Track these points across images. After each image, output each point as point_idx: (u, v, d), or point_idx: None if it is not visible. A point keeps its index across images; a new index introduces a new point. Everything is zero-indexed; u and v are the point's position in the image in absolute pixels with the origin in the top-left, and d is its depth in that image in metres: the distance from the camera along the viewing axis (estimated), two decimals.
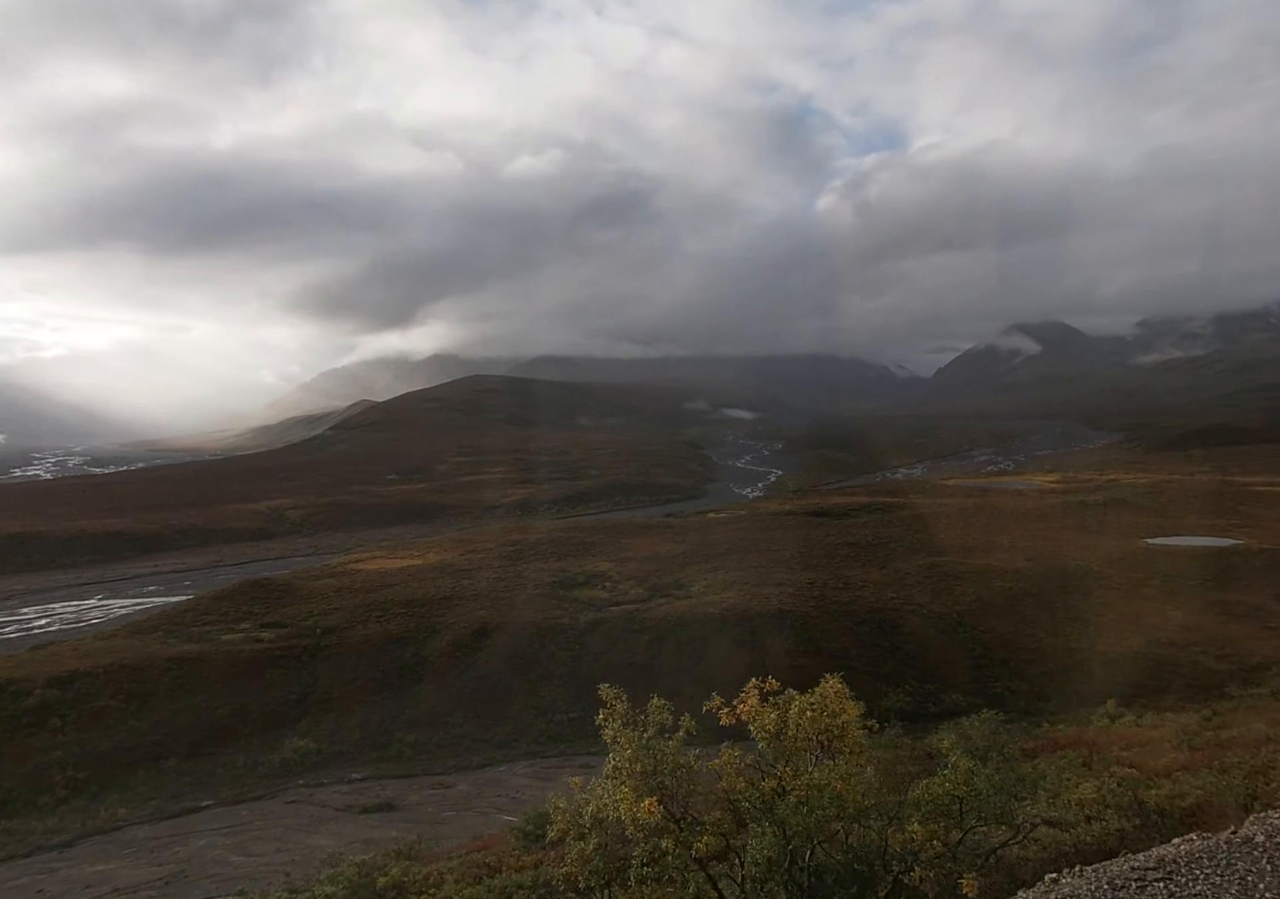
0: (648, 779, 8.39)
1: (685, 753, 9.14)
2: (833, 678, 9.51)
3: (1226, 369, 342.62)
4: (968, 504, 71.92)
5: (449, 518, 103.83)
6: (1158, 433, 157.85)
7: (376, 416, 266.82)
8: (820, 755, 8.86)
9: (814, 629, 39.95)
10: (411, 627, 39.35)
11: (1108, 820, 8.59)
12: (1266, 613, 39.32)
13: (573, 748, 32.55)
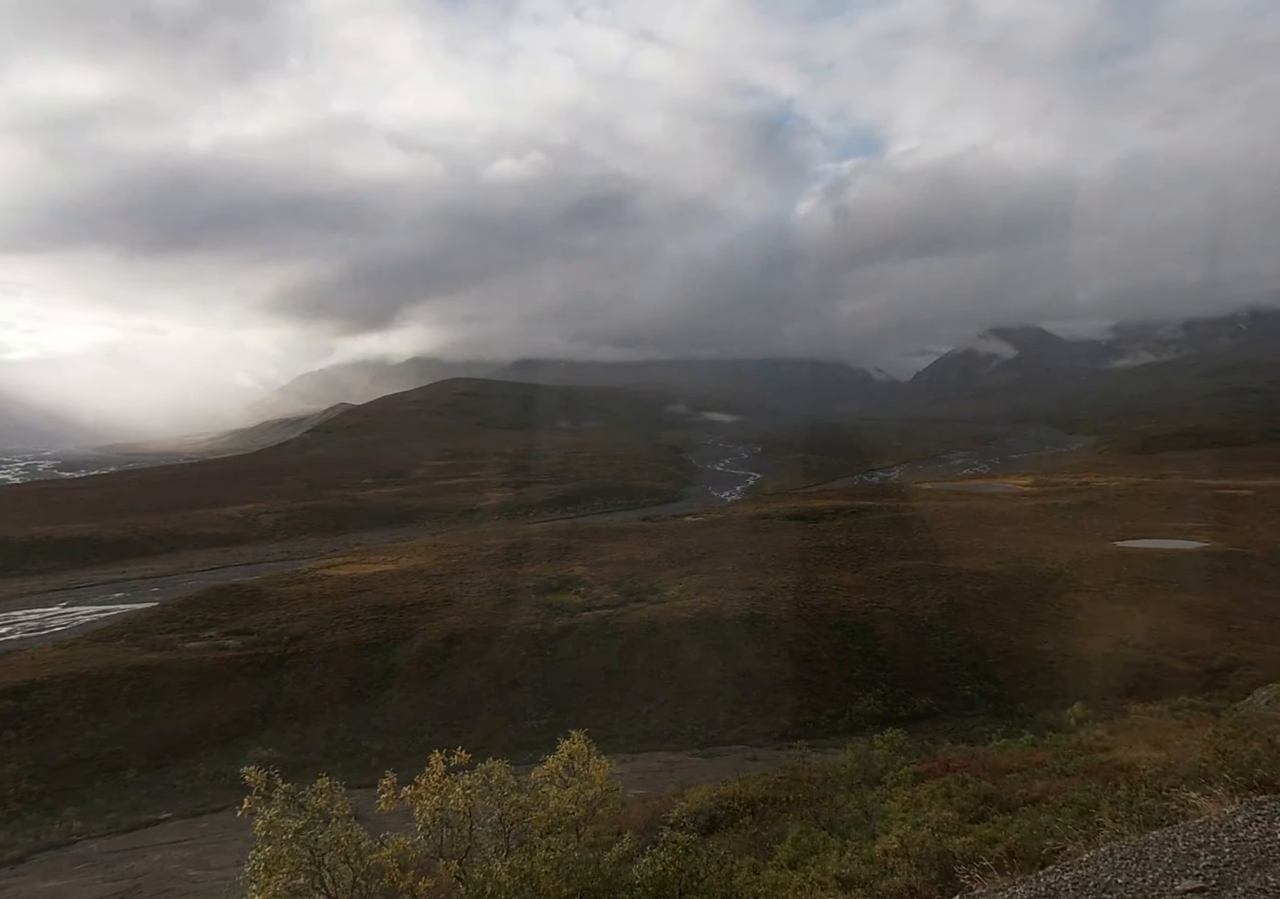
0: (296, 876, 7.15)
1: (358, 836, 7.93)
2: (577, 735, 8.74)
3: (1197, 373, 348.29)
4: (942, 507, 72.40)
5: (426, 522, 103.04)
6: (1130, 436, 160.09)
7: (354, 420, 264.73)
8: (508, 842, 7.88)
9: (786, 633, 39.91)
10: (381, 633, 38.87)
11: (901, 876, 7.74)
12: (1230, 615, 39.83)
13: (542, 755, 32.04)
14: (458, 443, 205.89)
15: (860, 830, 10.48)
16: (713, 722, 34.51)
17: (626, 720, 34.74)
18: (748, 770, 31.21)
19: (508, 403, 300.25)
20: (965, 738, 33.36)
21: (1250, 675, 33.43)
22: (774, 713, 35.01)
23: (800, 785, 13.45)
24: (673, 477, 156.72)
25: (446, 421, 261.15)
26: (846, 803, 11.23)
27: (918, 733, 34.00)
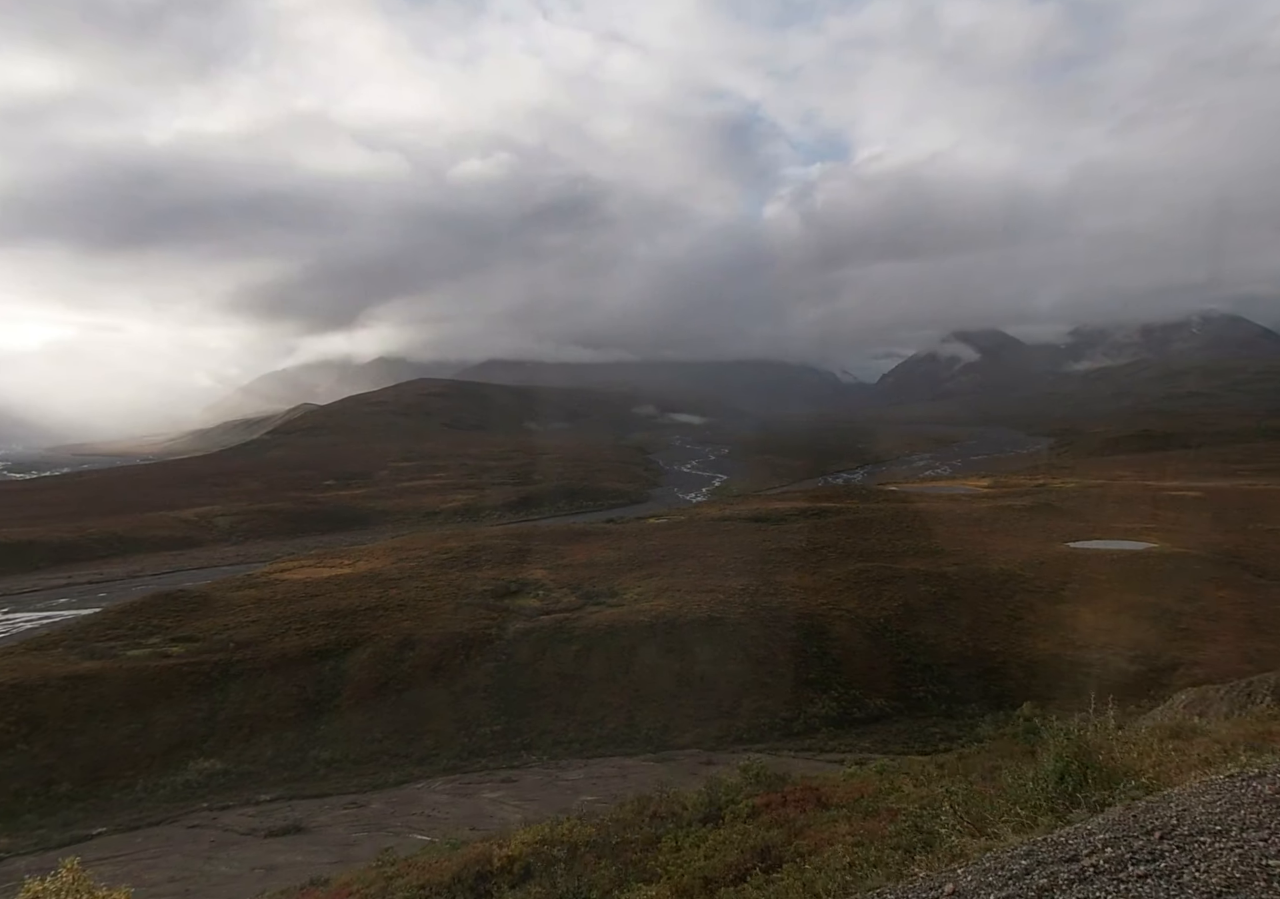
0: None
1: None
2: (69, 863, 7.84)
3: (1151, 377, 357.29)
4: (901, 509, 73.15)
5: (387, 524, 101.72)
6: (1086, 439, 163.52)
7: (317, 420, 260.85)
8: None
9: (743, 636, 39.93)
10: (332, 639, 38.14)
11: None
12: (1175, 614, 40.65)
13: (495, 762, 31.91)
14: (422, 444, 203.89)
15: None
16: (668, 725, 34.39)
17: (581, 725, 34.48)
18: (701, 775, 31.20)
19: (474, 404, 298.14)
20: (918, 738, 33.79)
21: (1192, 674, 34.15)
22: (729, 716, 34.99)
23: (639, 822, 12.83)
24: (639, 478, 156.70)
25: (411, 422, 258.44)
26: (668, 843, 10.76)
27: (870, 735, 34.38)
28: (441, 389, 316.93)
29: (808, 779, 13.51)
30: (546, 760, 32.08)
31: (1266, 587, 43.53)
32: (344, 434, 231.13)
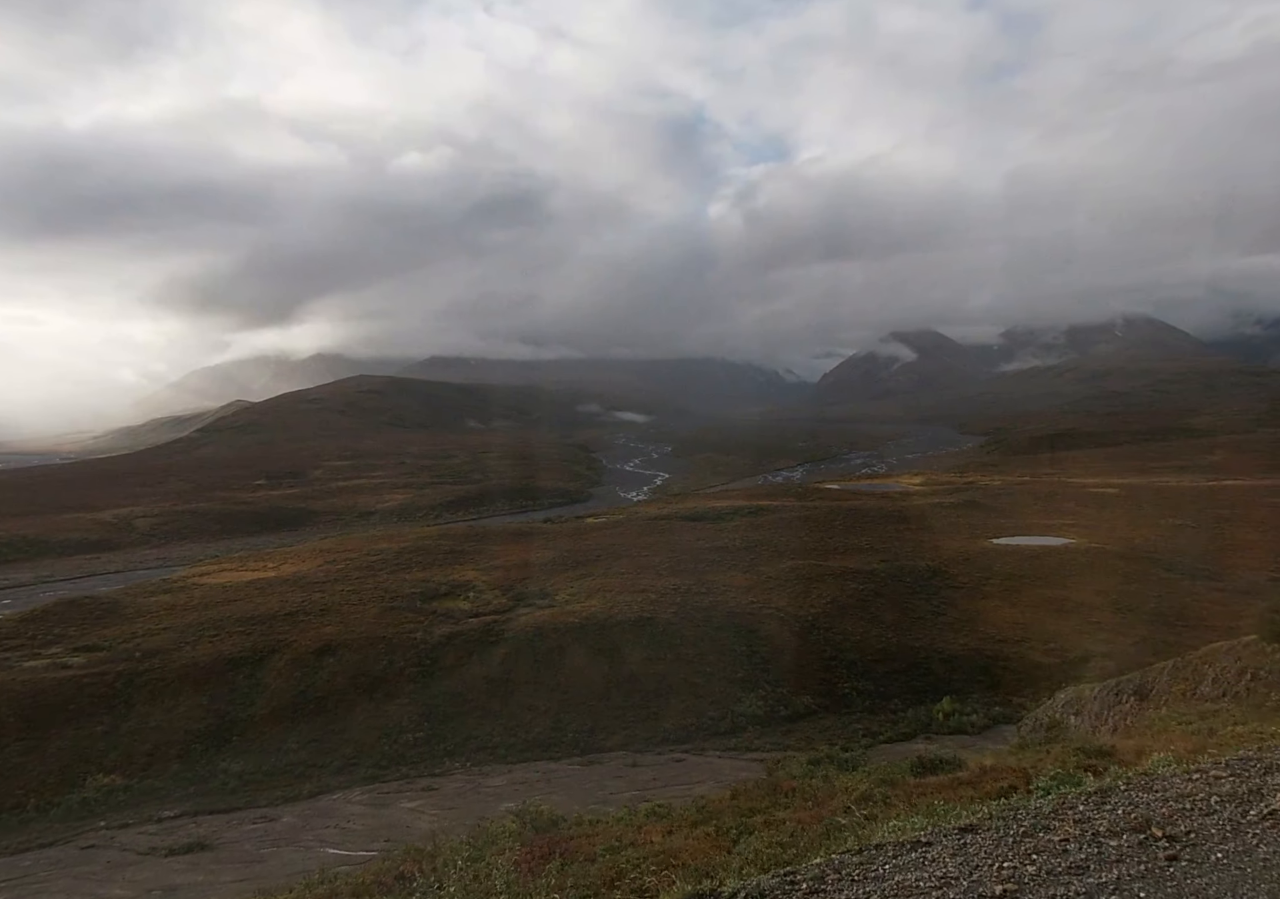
0: None
1: None
2: None
3: (1077, 377, 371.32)
4: (836, 507, 74.23)
5: (319, 525, 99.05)
6: (1014, 437, 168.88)
7: (250, 418, 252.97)
8: None
9: (673, 635, 39.87)
10: (248, 646, 36.75)
11: None
12: (1089, 608, 42.09)
13: (416, 769, 31.15)
14: (360, 442, 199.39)
15: None
16: (595, 728, 34.09)
17: (507, 730, 33.93)
18: (626, 777, 31.02)
19: (415, 401, 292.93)
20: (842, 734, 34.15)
21: (1103, 666, 35.38)
22: (657, 717, 34.87)
23: (377, 888, 12.11)
24: (581, 477, 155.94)
25: (349, 420, 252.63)
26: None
27: (796, 732, 34.64)
28: (381, 386, 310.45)
29: (577, 828, 13.03)
30: (470, 767, 31.47)
31: (1174, 580, 45.38)
32: (278, 432, 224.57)
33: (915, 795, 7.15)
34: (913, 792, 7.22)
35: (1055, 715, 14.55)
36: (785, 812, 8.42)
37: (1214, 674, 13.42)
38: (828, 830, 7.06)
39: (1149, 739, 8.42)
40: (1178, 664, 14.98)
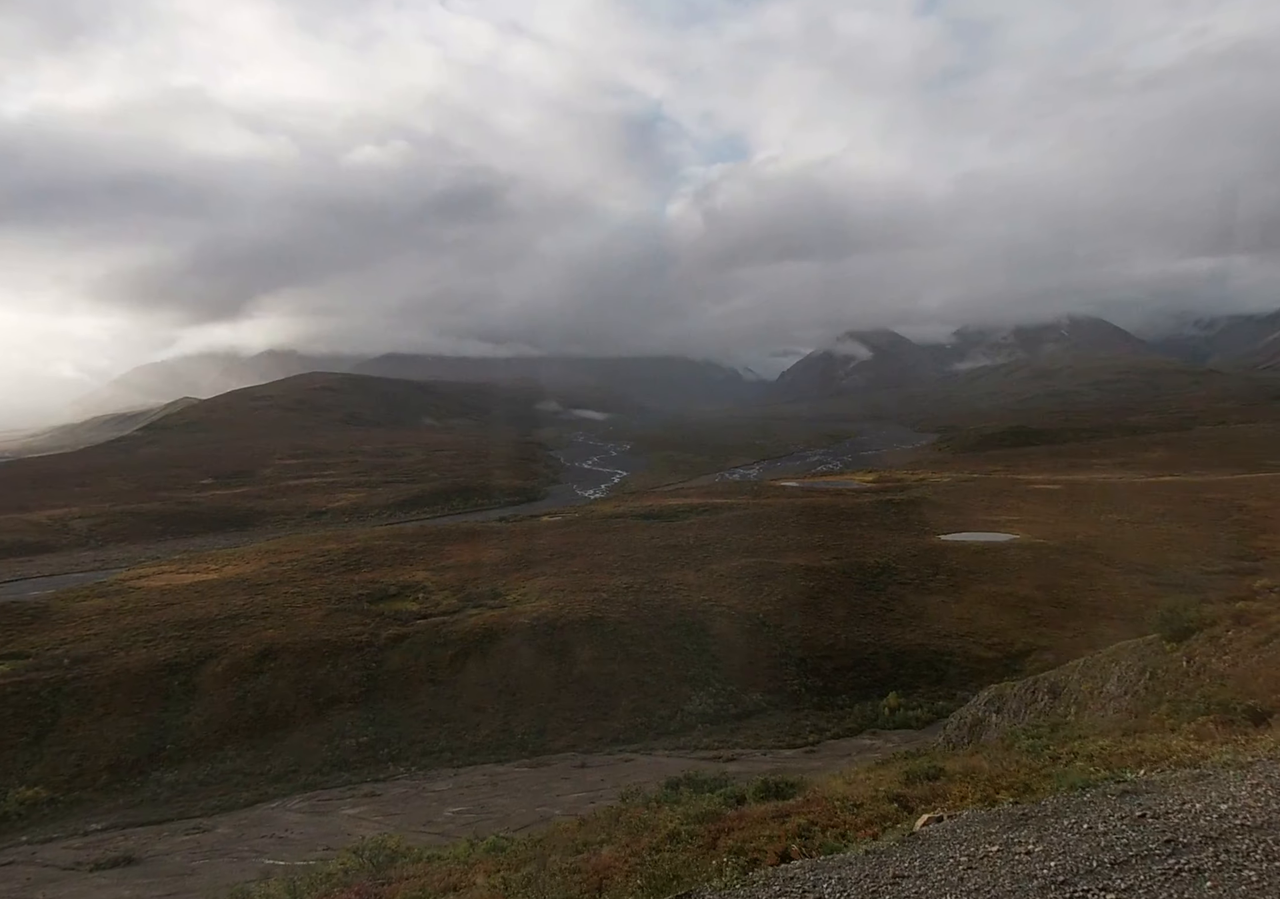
0: None
1: None
2: None
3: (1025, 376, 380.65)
4: (789, 504, 74.81)
5: (267, 525, 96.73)
6: (965, 435, 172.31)
7: (197, 415, 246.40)
8: None
9: (624, 635, 39.72)
10: (184, 651, 35.60)
11: None
12: (1031, 603, 43.00)
13: (359, 776, 30.49)
14: (312, 440, 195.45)
15: None
16: (544, 729, 33.76)
17: (454, 733, 33.42)
18: (574, 779, 30.76)
19: (369, 399, 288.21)
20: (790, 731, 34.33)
21: (1043, 659, 36.14)
22: (606, 717, 34.67)
23: None
24: (538, 475, 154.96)
25: (301, 418, 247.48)
26: None
27: (745, 730, 34.72)
28: (335, 383, 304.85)
29: (414, 864, 12.70)
30: (415, 771, 30.90)
31: (1112, 574, 46.58)
32: (226, 430, 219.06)
33: (721, 832, 7.10)
34: (719, 830, 7.15)
35: (978, 714, 14.73)
36: (607, 849, 8.28)
37: (1119, 672, 13.69)
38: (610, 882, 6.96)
39: (986, 760, 8.49)
40: (1087, 662, 15.29)
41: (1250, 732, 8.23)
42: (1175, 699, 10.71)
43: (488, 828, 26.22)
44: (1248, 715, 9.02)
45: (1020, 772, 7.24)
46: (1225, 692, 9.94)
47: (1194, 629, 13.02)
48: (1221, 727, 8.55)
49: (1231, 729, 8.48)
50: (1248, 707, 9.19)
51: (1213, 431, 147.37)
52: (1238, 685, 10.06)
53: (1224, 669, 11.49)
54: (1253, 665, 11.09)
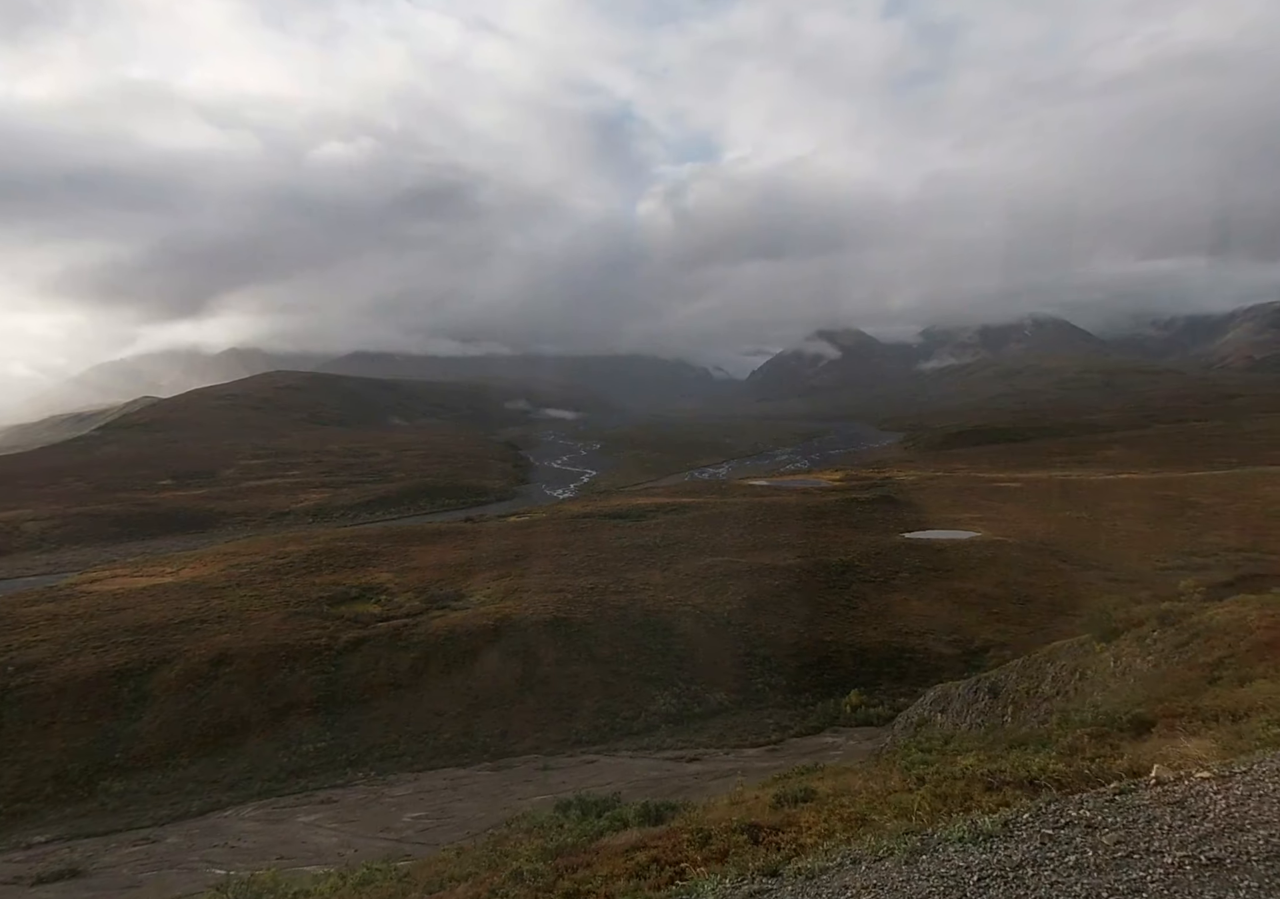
0: None
1: None
2: None
3: (989, 375, 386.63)
4: (755, 503, 75.16)
5: (228, 527, 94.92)
6: (931, 433, 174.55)
7: (157, 415, 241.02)
8: None
9: (588, 635, 39.54)
10: (135, 657, 34.73)
11: None
12: (992, 599, 43.60)
13: (316, 782, 29.95)
14: (276, 440, 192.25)
15: None
16: (506, 732, 33.46)
17: (415, 737, 33.00)
18: (536, 781, 30.51)
19: (336, 397, 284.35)
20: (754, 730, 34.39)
21: (1002, 655, 36.56)
22: (569, 718, 34.47)
23: None
24: (507, 474, 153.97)
25: (266, 417, 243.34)
26: None
27: (709, 729, 34.70)
28: (300, 382, 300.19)
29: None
30: (374, 777, 30.44)
31: (1069, 571, 47.42)
32: (188, 429, 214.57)
33: (565, 871, 6.86)
34: (565, 867, 6.92)
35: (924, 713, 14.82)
36: (461, 887, 8.08)
37: (1054, 673, 13.89)
38: None
39: (863, 778, 8.30)
40: (1025, 662, 15.49)
41: (1121, 746, 7.91)
42: (1065, 709, 10.79)
43: (447, 833, 25.98)
44: (1131, 726, 8.77)
45: (878, 796, 6.91)
46: (1116, 699, 9.84)
47: (1122, 630, 13.23)
48: (1094, 740, 8.29)
49: (1103, 743, 8.19)
50: (1134, 716, 8.99)
51: (1169, 430, 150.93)
52: (1145, 690, 10.20)
53: (1147, 670, 11.68)
54: (1170, 668, 11.22)
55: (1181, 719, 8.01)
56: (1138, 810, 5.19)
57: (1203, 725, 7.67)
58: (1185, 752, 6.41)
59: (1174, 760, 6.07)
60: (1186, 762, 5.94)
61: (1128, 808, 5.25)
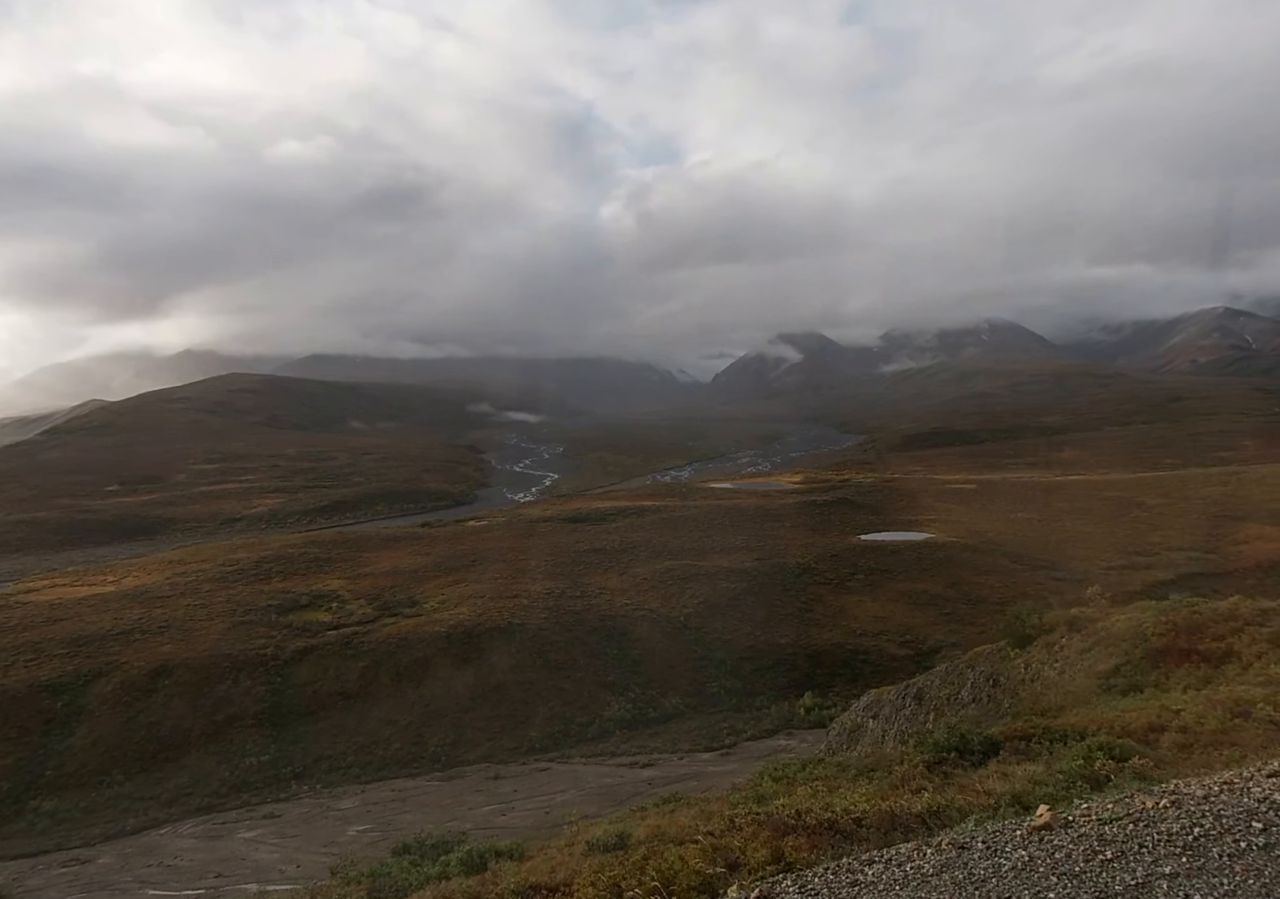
0: None
1: None
2: None
3: (947, 379, 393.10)
4: (716, 506, 75.28)
5: (177, 533, 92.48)
6: (889, 436, 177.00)
7: (106, 418, 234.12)
8: None
9: (543, 641, 39.18)
10: (70, 670, 33.50)
11: None
12: (944, 600, 44.16)
13: (259, 796, 29.16)
14: (231, 444, 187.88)
15: None
16: (458, 741, 32.97)
17: (363, 747, 32.33)
18: (487, 791, 30.06)
19: (293, 401, 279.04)
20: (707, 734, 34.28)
21: (951, 656, 37.03)
22: (523, 726, 34.09)
23: None
24: (468, 478, 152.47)
25: (220, 421, 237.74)
26: None
27: (663, 734, 34.55)
28: (257, 385, 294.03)
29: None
30: (319, 789, 29.75)
31: (1019, 571, 48.26)
32: (138, 434, 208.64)
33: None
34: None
35: (857, 719, 14.88)
36: None
37: (973, 678, 14.02)
38: None
39: (689, 816, 8.02)
40: (948, 668, 15.63)
41: (952, 776, 7.41)
42: (920, 732, 10.74)
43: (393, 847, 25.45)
44: (980, 749, 8.22)
45: (675, 843, 6.39)
46: (961, 725, 9.52)
47: (1034, 636, 13.35)
48: (928, 770, 7.76)
49: (934, 772, 7.64)
50: (986, 737, 8.54)
51: (1118, 432, 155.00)
52: (1031, 701, 10.26)
53: (1053, 676, 11.79)
54: (1071, 675, 11.28)
55: (1029, 741, 7.74)
56: (861, 888, 4.71)
57: (1046, 748, 7.40)
58: (990, 789, 6.15)
59: (970, 802, 5.77)
60: (980, 797, 5.69)
61: (862, 885, 4.73)
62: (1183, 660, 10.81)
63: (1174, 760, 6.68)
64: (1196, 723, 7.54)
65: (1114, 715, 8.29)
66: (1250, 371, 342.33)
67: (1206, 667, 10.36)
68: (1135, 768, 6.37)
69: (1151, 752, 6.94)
